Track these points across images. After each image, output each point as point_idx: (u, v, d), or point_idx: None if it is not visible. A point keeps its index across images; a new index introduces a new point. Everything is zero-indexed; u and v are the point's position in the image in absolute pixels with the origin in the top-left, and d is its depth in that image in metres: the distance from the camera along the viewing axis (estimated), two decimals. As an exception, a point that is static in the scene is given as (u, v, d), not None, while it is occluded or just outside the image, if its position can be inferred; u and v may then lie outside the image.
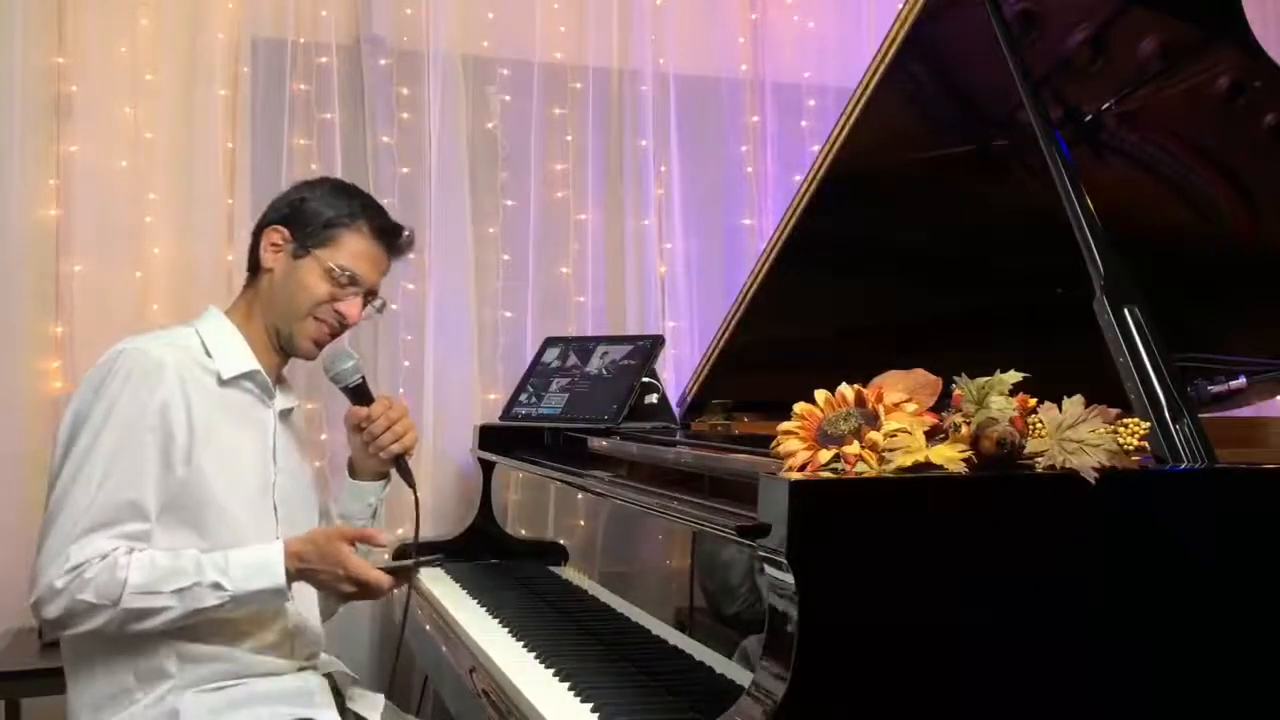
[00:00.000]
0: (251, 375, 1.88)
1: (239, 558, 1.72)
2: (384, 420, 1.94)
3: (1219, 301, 2.25)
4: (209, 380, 1.84)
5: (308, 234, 1.91)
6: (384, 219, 1.96)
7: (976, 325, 2.26)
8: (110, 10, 2.67)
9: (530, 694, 1.59)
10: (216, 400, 1.83)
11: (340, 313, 1.90)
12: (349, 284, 1.90)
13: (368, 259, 1.92)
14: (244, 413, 1.87)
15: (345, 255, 1.90)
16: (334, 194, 1.96)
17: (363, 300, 1.93)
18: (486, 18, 2.93)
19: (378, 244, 1.94)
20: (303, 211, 1.93)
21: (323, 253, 1.89)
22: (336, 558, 1.73)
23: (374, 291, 1.95)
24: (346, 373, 1.95)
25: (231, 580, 1.69)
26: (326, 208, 1.93)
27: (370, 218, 1.94)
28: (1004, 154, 2.15)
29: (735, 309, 2.43)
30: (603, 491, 1.95)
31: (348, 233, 1.92)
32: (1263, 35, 2.02)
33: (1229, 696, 1.33)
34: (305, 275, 1.89)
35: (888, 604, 1.23)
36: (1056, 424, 1.31)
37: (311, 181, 2.04)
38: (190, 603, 1.68)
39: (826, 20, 3.16)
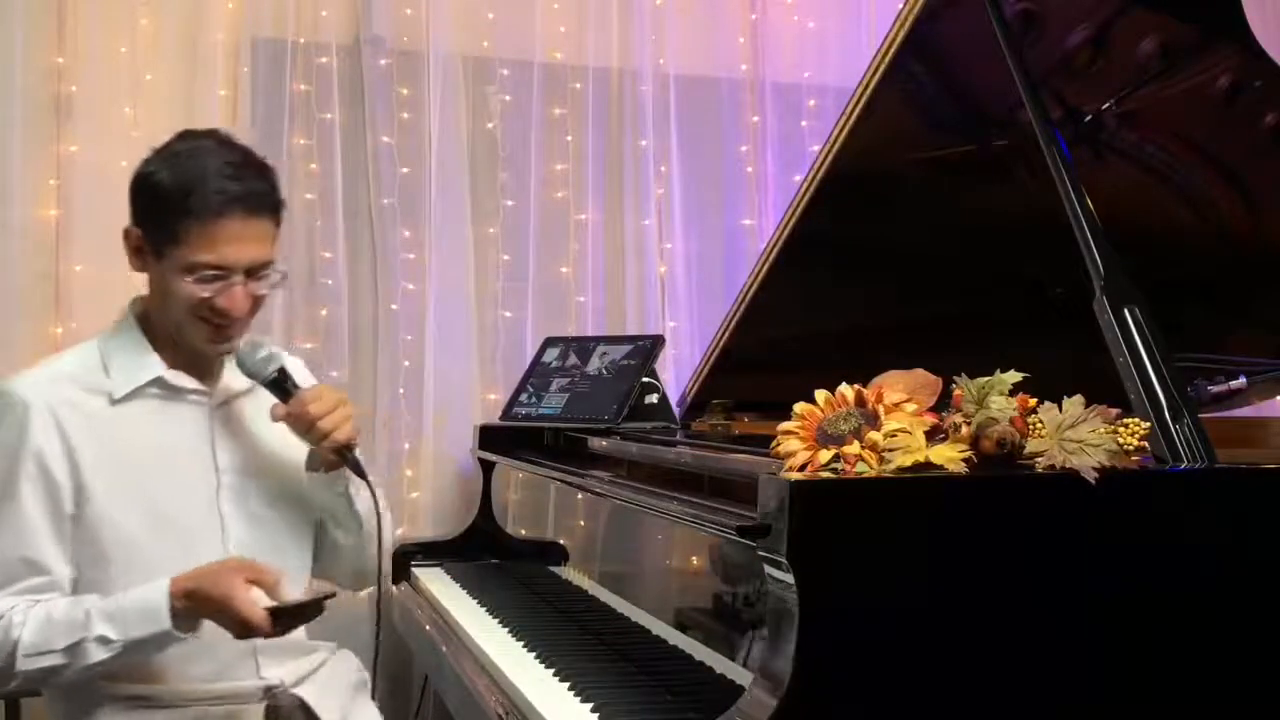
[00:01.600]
0: (157, 383, 1.74)
1: (127, 603, 1.61)
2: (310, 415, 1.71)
3: (1219, 301, 2.25)
4: (99, 404, 1.71)
5: (156, 230, 1.68)
6: (229, 184, 1.67)
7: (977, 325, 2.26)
8: (110, 10, 2.67)
9: (530, 694, 1.59)
10: (111, 424, 1.70)
11: (221, 309, 1.68)
12: (215, 279, 1.67)
13: (225, 241, 1.66)
14: (161, 422, 1.74)
15: (197, 247, 1.65)
16: (168, 176, 1.68)
17: (245, 282, 1.69)
18: (486, 18, 2.93)
19: (230, 218, 1.66)
20: (146, 207, 1.71)
21: (175, 251, 1.66)
22: (224, 593, 1.57)
23: (259, 265, 1.71)
24: (259, 365, 1.74)
25: (119, 629, 1.59)
26: (164, 198, 1.67)
27: (212, 191, 1.65)
28: (1004, 154, 2.15)
29: (735, 309, 2.43)
30: (603, 491, 1.95)
31: (190, 220, 1.65)
32: (1263, 35, 2.02)
33: (1230, 696, 1.33)
34: (169, 280, 1.68)
35: (888, 604, 1.23)
36: (1056, 424, 1.31)
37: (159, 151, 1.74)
38: (80, 659, 1.60)
39: (826, 20, 3.16)
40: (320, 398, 1.73)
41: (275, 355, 1.76)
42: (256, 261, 1.71)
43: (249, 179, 1.70)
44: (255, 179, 1.72)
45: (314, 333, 2.77)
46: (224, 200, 1.66)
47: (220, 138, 1.76)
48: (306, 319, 2.77)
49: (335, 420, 1.72)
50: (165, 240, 1.68)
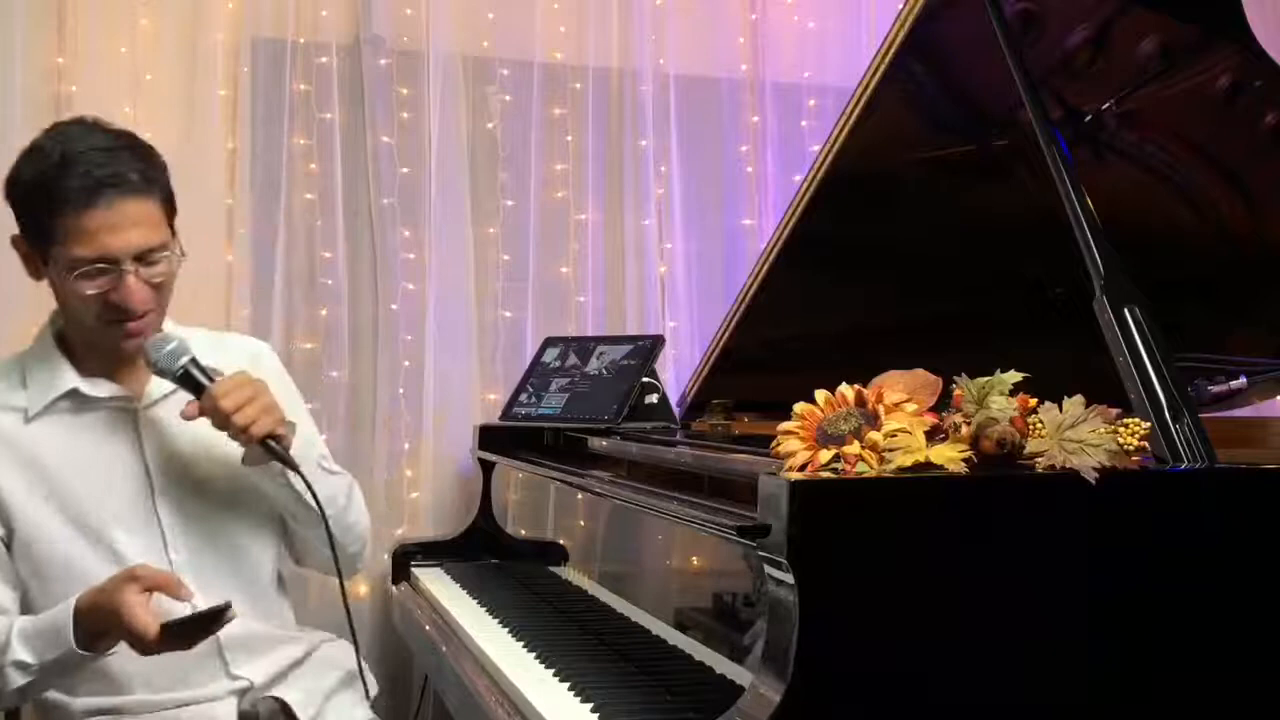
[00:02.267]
0: (71, 395, 1.68)
1: (41, 624, 1.57)
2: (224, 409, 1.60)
3: (1219, 301, 2.25)
4: (14, 423, 1.67)
5: (35, 235, 1.61)
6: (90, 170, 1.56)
7: (977, 325, 2.26)
8: (110, 10, 2.67)
9: (530, 694, 1.59)
10: (28, 443, 1.66)
11: (118, 304, 1.60)
12: (101, 273, 1.58)
13: (100, 229, 1.56)
14: (84, 434, 1.69)
15: (74, 242, 1.56)
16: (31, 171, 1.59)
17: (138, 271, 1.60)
18: (486, 18, 2.92)
19: (97, 204, 1.55)
20: (20, 209, 1.63)
21: (55, 251, 1.58)
22: (113, 606, 1.50)
23: (149, 250, 1.60)
24: (165, 361, 1.63)
25: (34, 652, 1.56)
26: (32, 196, 1.58)
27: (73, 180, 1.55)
28: (1004, 154, 2.15)
29: (735, 309, 2.43)
30: (603, 491, 1.95)
31: (58, 215, 1.56)
32: (1263, 35, 2.02)
33: (1230, 696, 1.33)
34: (61, 282, 1.61)
35: (888, 604, 1.23)
36: (1056, 424, 1.31)
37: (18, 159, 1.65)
38: (6, 684, 1.57)
39: (826, 20, 3.16)
40: (232, 391, 1.62)
41: (181, 347, 1.64)
42: (143, 247, 1.60)
43: (118, 161, 1.60)
44: (126, 160, 1.61)
45: (314, 333, 2.77)
46: (90, 186, 1.56)
47: (88, 124, 1.67)
48: (306, 319, 2.77)
49: (250, 414, 1.61)
50: (45, 241, 1.59)
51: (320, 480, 1.73)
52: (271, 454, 1.66)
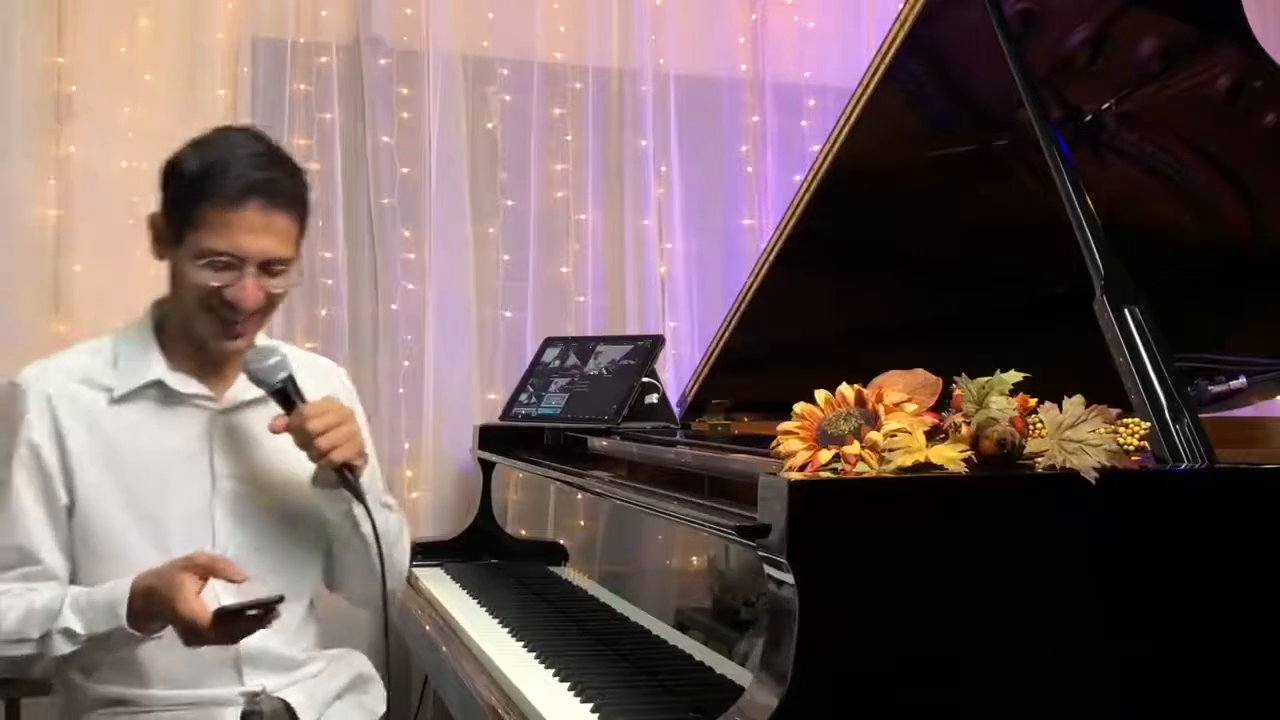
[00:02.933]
0: (157, 385, 1.71)
1: (96, 597, 1.60)
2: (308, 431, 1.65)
3: (1219, 301, 2.25)
4: (99, 401, 1.70)
5: (175, 214, 1.65)
6: (250, 171, 1.64)
7: (977, 325, 2.26)
8: (110, 10, 2.67)
9: (530, 694, 1.59)
10: (107, 422, 1.69)
11: (230, 302, 1.64)
12: (226, 267, 1.63)
13: (240, 228, 1.62)
14: (159, 425, 1.71)
15: (211, 232, 1.62)
16: (192, 159, 1.66)
17: (258, 276, 1.65)
18: (486, 18, 2.93)
19: (247, 205, 1.62)
20: (169, 192, 1.68)
21: (191, 235, 1.63)
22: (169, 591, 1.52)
23: (275, 260, 1.66)
24: (264, 372, 1.68)
25: (84, 623, 1.58)
26: (185, 176, 1.64)
27: (232, 176, 1.62)
28: (1004, 154, 2.15)
29: (735, 309, 2.43)
30: (603, 491, 1.95)
31: (206, 204, 1.62)
32: (1263, 35, 2.02)
33: (1230, 696, 1.33)
34: (183, 266, 1.65)
35: (888, 604, 1.23)
36: (1056, 424, 1.31)
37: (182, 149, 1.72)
38: (50, 649, 1.59)
39: (826, 20, 3.16)
40: (323, 414, 1.67)
41: (284, 363, 1.69)
42: (272, 256, 1.66)
43: (274, 170, 1.67)
44: (280, 172, 1.69)
45: (314, 333, 2.77)
46: (243, 186, 1.63)
47: (254, 132, 1.76)
48: (306, 319, 2.77)
49: (334, 439, 1.66)
50: (183, 224, 1.64)
51: (378, 514, 1.75)
52: (344, 482, 1.69)
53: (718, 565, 1.62)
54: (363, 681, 1.94)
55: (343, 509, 1.75)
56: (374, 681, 1.97)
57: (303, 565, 1.84)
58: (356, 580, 1.85)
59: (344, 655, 1.95)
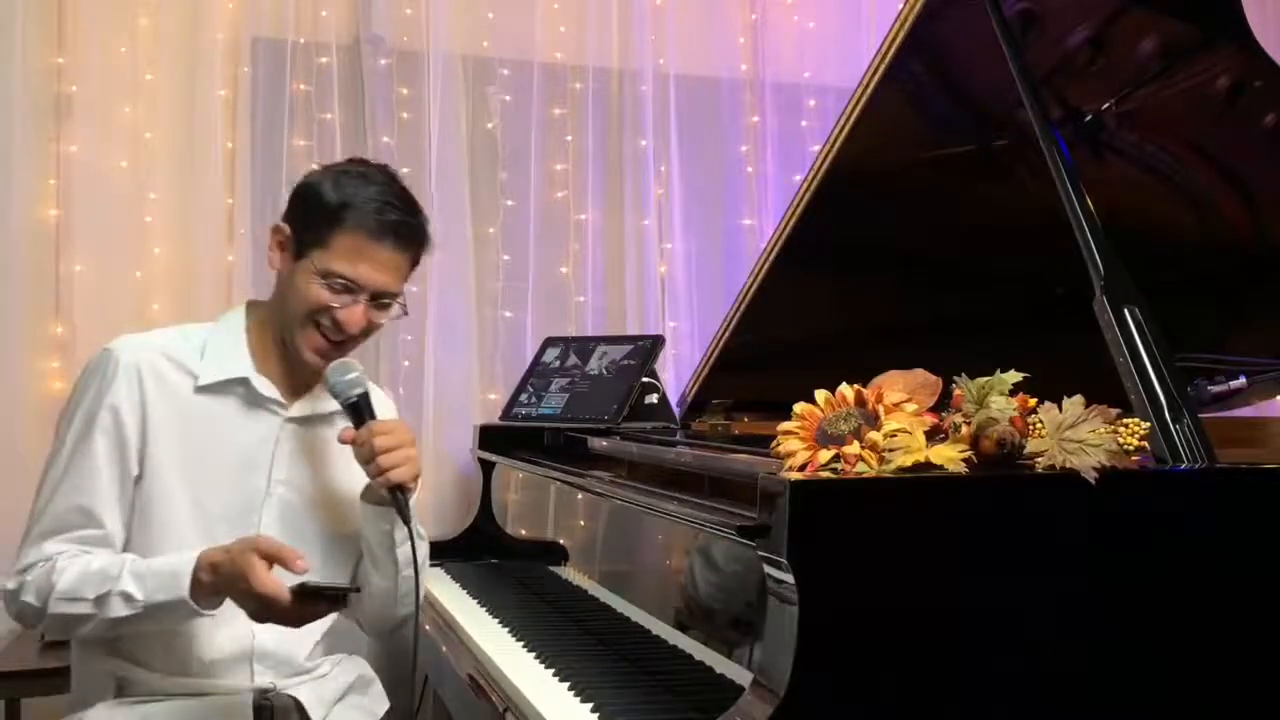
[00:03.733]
0: (241, 383, 1.77)
1: (158, 565, 1.63)
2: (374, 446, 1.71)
3: (1219, 301, 2.25)
4: (184, 384, 1.75)
5: (306, 231, 1.75)
6: (388, 211, 1.75)
7: (977, 325, 2.26)
8: (110, 10, 2.67)
9: (530, 694, 1.59)
10: (188, 406, 1.74)
11: (338, 322, 1.74)
12: (344, 290, 1.73)
13: (368, 260, 1.73)
14: (233, 420, 1.77)
15: (340, 257, 1.72)
16: (338, 182, 1.76)
17: (367, 305, 1.75)
18: (486, 18, 2.93)
19: (380, 241, 1.74)
20: (305, 204, 1.77)
21: (318, 254, 1.72)
22: (242, 569, 1.55)
23: (386, 294, 1.77)
24: (342, 386, 1.75)
25: (144, 589, 1.60)
26: (325, 200, 1.74)
27: (371, 211, 1.73)
28: (1004, 154, 2.15)
29: (735, 309, 2.43)
30: (603, 491, 1.95)
31: (342, 231, 1.72)
32: (1263, 35, 2.02)
33: (1229, 696, 1.33)
34: (301, 279, 1.74)
35: (887, 604, 1.23)
36: (1056, 424, 1.31)
37: (329, 166, 1.86)
38: (106, 610, 1.61)
39: (826, 20, 3.16)
40: (390, 432, 1.73)
41: (361, 380, 1.77)
42: (386, 290, 1.77)
43: (408, 214, 1.78)
44: (414, 216, 1.79)
45: (314, 333, 2.77)
46: (382, 225, 1.74)
47: (390, 173, 1.84)
48: (306, 319, 2.77)
49: (396, 459, 1.71)
50: (313, 243, 1.73)
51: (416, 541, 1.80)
52: (394, 502, 1.73)
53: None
54: (364, 683, 1.97)
55: (384, 529, 1.79)
56: (374, 683, 1.99)
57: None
58: (374, 602, 1.87)
59: (346, 659, 1.97)
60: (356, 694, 1.94)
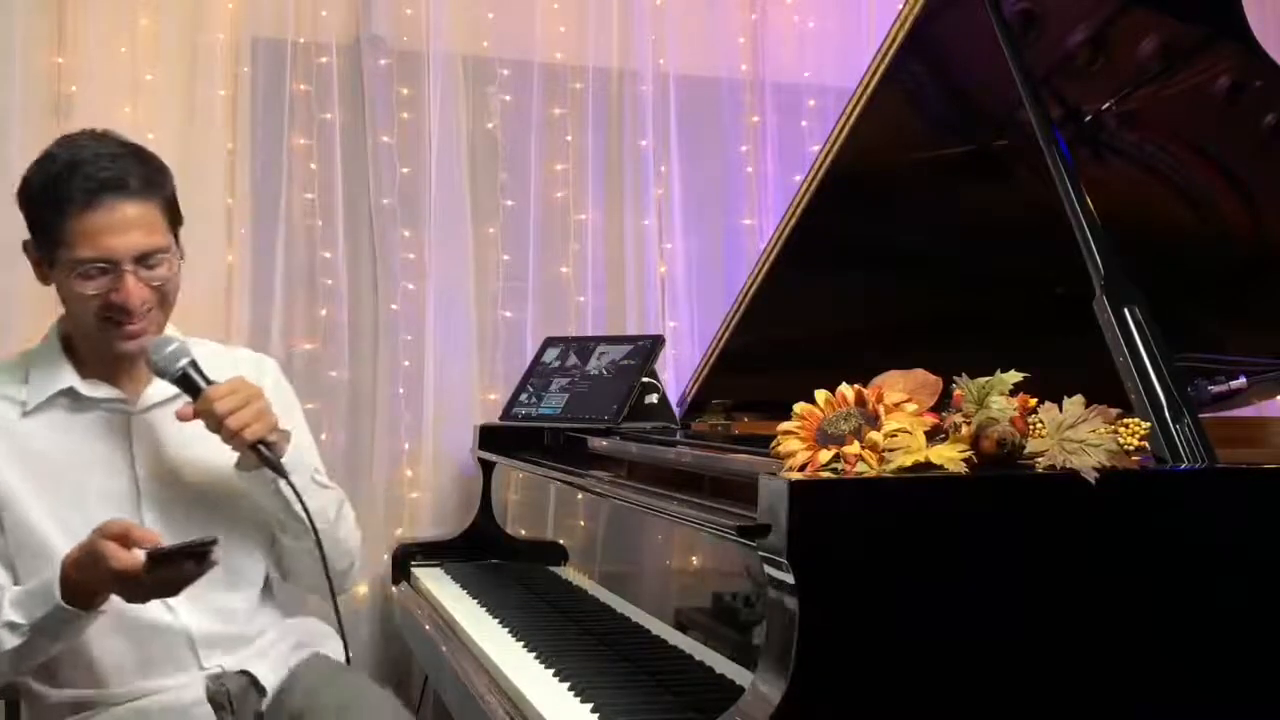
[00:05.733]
0: (67, 393, 1.73)
1: (31, 586, 1.61)
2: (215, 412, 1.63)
3: (1219, 301, 2.25)
4: (11, 414, 1.72)
5: (41, 239, 1.67)
6: (91, 172, 1.62)
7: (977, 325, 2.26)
8: (110, 10, 2.67)
9: (530, 694, 1.59)
10: (21, 435, 1.71)
11: (117, 304, 1.64)
12: (102, 273, 1.63)
13: (102, 230, 1.61)
14: (75, 433, 1.73)
15: (77, 242, 1.62)
16: (37, 178, 1.66)
17: (136, 272, 1.64)
18: (486, 18, 2.93)
19: (99, 205, 1.61)
20: (28, 214, 1.69)
21: (61, 251, 1.63)
22: (95, 555, 1.52)
23: (148, 253, 1.65)
24: (163, 362, 1.66)
25: (23, 612, 1.58)
26: (38, 200, 1.65)
27: (76, 181, 1.61)
28: (1004, 154, 2.15)
29: (735, 309, 2.43)
30: (603, 491, 1.95)
31: (62, 219, 1.62)
32: (1263, 35, 2.02)
33: (1229, 696, 1.33)
34: (64, 283, 1.66)
35: (888, 604, 1.23)
36: (1056, 424, 1.31)
37: (32, 163, 1.71)
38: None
39: (826, 20, 3.16)
40: (227, 395, 1.65)
41: (182, 349, 1.68)
42: (143, 249, 1.65)
43: (121, 167, 1.65)
44: (129, 165, 1.66)
45: (314, 333, 2.77)
46: (90, 189, 1.61)
47: (96, 134, 1.73)
48: (306, 319, 2.77)
49: (244, 418, 1.65)
50: (50, 243, 1.65)
51: (312, 493, 1.75)
52: (262, 460, 1.68)
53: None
54: (319, 637, 1.93)
55: (272, 489, 1.73)
56: (330, 636, 1.95)
57: (244, 556, 1.83)
58: (303, 566, 1.84)
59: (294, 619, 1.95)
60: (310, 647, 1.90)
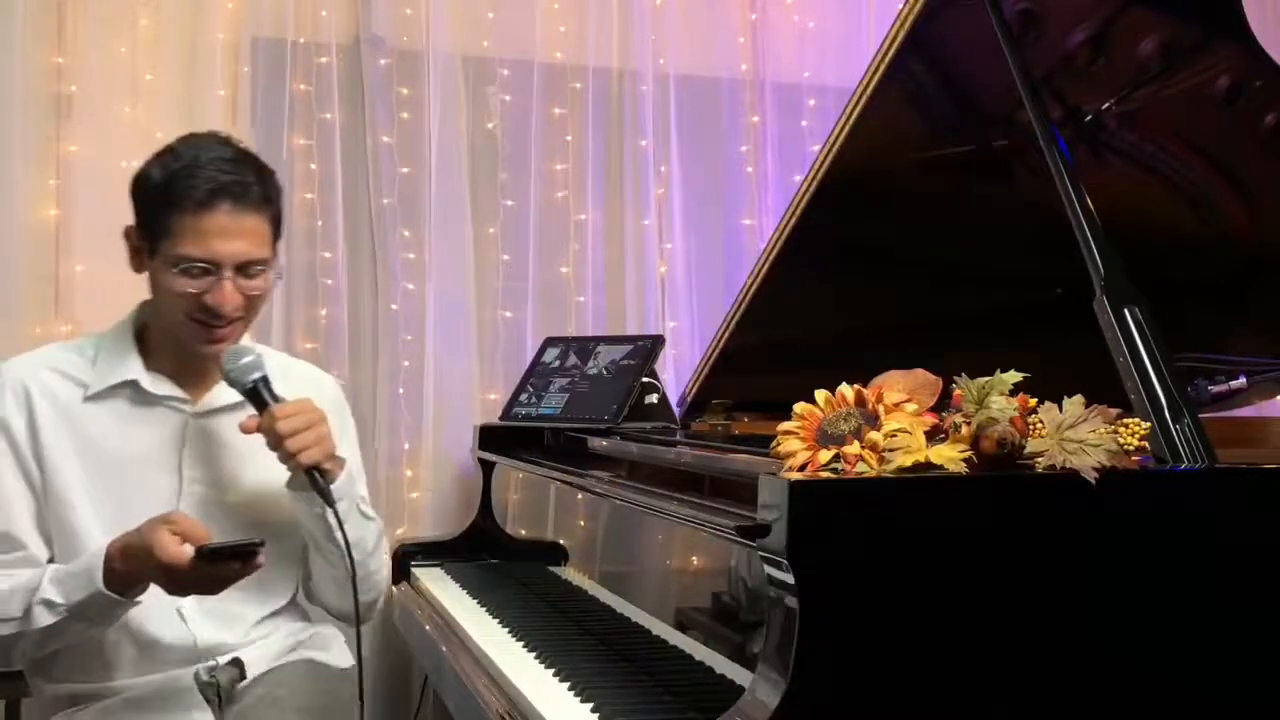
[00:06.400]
0: (130, 385, 1.74)
1: (73, 567, 1.61)
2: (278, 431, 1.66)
3: (1219, 301, 2.25)
4: (74, 396, 1.73)
5: (148, 225, 1.68)
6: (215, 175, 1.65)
7: (976, 325, 2.26)
8: (110, 10, 2.67)
9: (530, 694, 1.59)
10: (79, 417, 1.72)
11: (209, 307, 1.66)
12: (203, 273, 1.65)
13: (213, 233, 1.64)
14: (130, 424, 1.74)
15: (185, 239, 1.64)
16: (156, 168, 1.69)
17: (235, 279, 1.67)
18: (486, 18, 2.93)
19: (216, 208, 1.64)
20: (141, 203, 1.71)
21: (165, 244, 1.65)
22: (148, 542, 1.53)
23: (250, 262, 1.68)
24: (237, 373, 1.69)
25: (63, 592, 1.59)
26: (152, 185, 1.67)
27: (199, 181, 1.64)
28: (1004, 154, 2.15)
29: (735, 309, 2.42)
30: (603, 491, 1.95)
31: (177, 211, 1.64)
32: (1263, 35, 2.02)
33: (1229, 697, 1.33)
34: (161, 276, 1.68)
35: (888, 604, 1.23)
36: (1056, 424, 1.31)
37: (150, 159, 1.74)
38: (31, 622, 1.60)
39: (826, 20, 3.16)
40: (292, 415, 1.67)
41: (257, 363, 1.70)
42: (246, 258, 1.68)
43: (242, 173, 1.69)
44: (249, 174, 1.70)
45: (314, 333, 2.77)
46: (210, 190, 1.64)
47: (220, 137, 1.76)
48: (306, 319, 2.77)
49: (303, 441, 1.66)
50: (157, 235, 1.67)
51: (354, 521, 1.76)
52: (313, 485, 1.69)
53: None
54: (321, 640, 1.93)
55: (316, 513, 1.75)
56: (335, 639, 1.95)
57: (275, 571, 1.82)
58: (331, 590, 1.86)
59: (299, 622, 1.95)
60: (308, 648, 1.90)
